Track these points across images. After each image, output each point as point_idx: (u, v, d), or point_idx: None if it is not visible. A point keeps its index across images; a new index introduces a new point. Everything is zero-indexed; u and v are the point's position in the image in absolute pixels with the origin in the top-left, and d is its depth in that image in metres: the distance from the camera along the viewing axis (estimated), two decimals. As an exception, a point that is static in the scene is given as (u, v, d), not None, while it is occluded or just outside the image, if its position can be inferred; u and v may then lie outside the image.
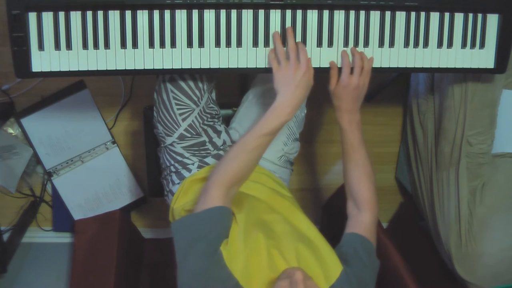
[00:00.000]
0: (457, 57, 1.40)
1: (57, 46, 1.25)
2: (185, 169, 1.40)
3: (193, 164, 1.40)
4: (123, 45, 1.27)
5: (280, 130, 1.22)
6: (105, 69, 1.28)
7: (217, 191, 1.14)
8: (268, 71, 1.31)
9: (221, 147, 1.44)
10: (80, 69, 1.27)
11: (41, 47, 1.24)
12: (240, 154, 1.19)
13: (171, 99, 1.37)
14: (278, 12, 1.30)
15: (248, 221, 1.18)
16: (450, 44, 1.39)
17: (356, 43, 1.34)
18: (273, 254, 1.10)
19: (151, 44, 1.28)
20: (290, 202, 1.34)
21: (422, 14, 1.36)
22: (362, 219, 1.26)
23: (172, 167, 1.42)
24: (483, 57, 1.41)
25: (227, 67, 1.31)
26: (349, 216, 1.30)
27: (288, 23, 1.30)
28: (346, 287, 1.09)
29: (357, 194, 1.29)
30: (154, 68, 1.29)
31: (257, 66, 1.31)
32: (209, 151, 1.42)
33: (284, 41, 1.29)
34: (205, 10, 1.28)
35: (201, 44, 1.29)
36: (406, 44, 1.37)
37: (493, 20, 1.39)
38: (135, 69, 1.29)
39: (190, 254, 1.06)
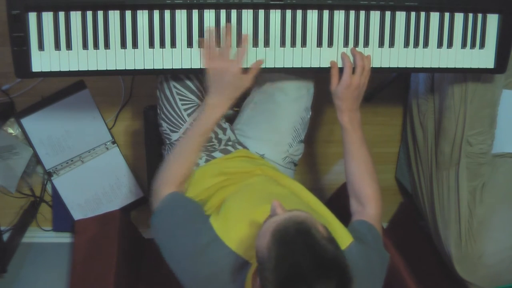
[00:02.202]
0: (457, 57, 1.40)
1: (57, 46, 1.25)
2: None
3: (200, 158, 1.40)
4: (123, 45, 1.27)
5: (214, 127, 1.27)
6: (105, 69, 1.28)
7: (166, 190, 1.19)
8: (268, 70, 1.31)
9: (228, 143, 1.44)
10: (80, 69, 1.27)
11: (41, 47, 1.24)
12: (182, 156, 1.25)
13: (175, 95, 1.37)
14: (278, 12, 1.30)
15: (254, 191, 1.19)
16: (450, 44, 1.39)
17: (356, 43, 1.34)
18: None
19: (151, 44, 1.28)
20: (299, 184, 1.35)
21: (422, 14, 1.36)
22: (367, 212, 1.26)
23: None
24: (483, 57, 1.41)
25: (227, 67, 1.31)
26: (353, 213, 1.30)
27: (288, 23, 1.31)
28: (356, 257, 1.08)
29: (361, 192, 1.29)
30: (154, 68, 1.29)
31: (257, 66, 1.31)
32: (215, 146, 1.42)
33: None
34: (205, 10, 1.28)
35: (201, 44, 1.29)
36: (406, 44, 1.37)
37: (493, 20, 1.39)
38: (135, 69, 1.29)
39: (174, 243, 1.10)
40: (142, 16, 1.26)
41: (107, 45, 1.27)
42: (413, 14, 1.35)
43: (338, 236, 1.10)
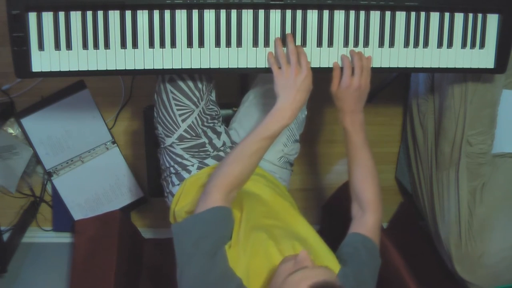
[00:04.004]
0: (457, 57, 1.40)
1: (57, 46, 1.25)
2: (185, 170, 1.40)
3: (192, 165, 1.40)
4: (123, 45, 1.27)
5: (280, 133, 1.23)
6: (105, 69, 1.28)
7: (217, 194, 1.14)
8: (268, 71, 1.31)
9: (221, 148, 1.44)
10: (80, 69, 1.27)
11: (41, 47, 1.24)
12: (241, 158, 1.20)
13: (170, 100, 1.37)
14: (278, 12, 1.30)
15: (247, 222, 1.18)
16: (450, 44, 1.39)
17: (356, 43, 1.34)
18: (272, 253, 1.10)
19: (151, 44, 1.28)
20: (290, 203, 1.34)
21: (422, 14, 1.36)
22: (365, 220, 1.26)
23: (171, 168, 1.42)
24: (483, 57, 1.41)
25: (227, 67, 1.31)
26: (353, 217, 1.30)
27: (288, 23, 1.30)
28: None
29: (361, 195, 1.29)
30: (154, 68, 1.29)
31: (257, 66, 1.31)
32: (208, 153, 1.42)
33: (284, 44, 1.29)
34: (205, 10, 1.28)
35: (201, 44, 1.29)
36: (406, 44, 1.37)
37: (493, 20, 1.39)
38: (135, 69, 1.29)
39: (195, 255, 1.06)
40: (142, 16, 1.26)
41: (107, 45, 1.27)
42: (413, 14, 1.35)
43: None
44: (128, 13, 1.26)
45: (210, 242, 1.07)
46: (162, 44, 1.28)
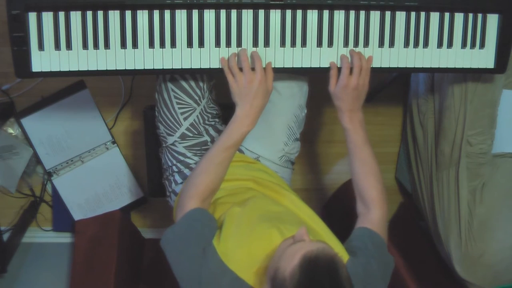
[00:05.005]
0: (457, 57, 1.40)
1: (57, 46, 1.25)
2: (188, 168, 1.41)
3: (195, 163, 1.40)
4: (123, 45, 1.27)
5: (243, 140, 1.25)
6: (105, 69, 1.28)
7: (191, 205, 1.18)
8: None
9: None
10: (80, 69, 1.27)
11: (41, 47, 1.25)
12: (208, 168, 1.23)
13: (172, 98, 1.37)
14: (278, 12, 1.30)
15: (251, 213, 1.19)
16: (450, 44, 1.39)
17: (356, 43, 1.34)
18: (276, 240, 1.10)
19: (151, 44, 1.28)
20: (295, 196, 1.34)
21: (422, 14, 1.36)
22: (371, 216, 1.27)
23: (174, 167, 1.42)
24: (483, 57, 1.41)
25: (227, 67, 1.31)
26: (359, 215, 1.31)
27: (288, 23, 1.31)
28: (351, 277, 1.09)
29: (365, 193, 1.29)
30: (154, 68, 1.29)
31: (257, 66, 1.31)
32: None
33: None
34: (205, 10, 1.28)
35: (201, 44, 1.29)
36: (406, 44, 1.37)
37: (493, 20, 1.39)
38: (135, 69, 1.29)
39: (182, 262, 1.09)
40: (142, 16, 1.26)
41: (107, 45, 1.27)
42: (413, 14, 1.35)
43: None
44: (128, 13, 1.26)
45: (192, 245, 1.10)
46: (162, 44, 1.28)
